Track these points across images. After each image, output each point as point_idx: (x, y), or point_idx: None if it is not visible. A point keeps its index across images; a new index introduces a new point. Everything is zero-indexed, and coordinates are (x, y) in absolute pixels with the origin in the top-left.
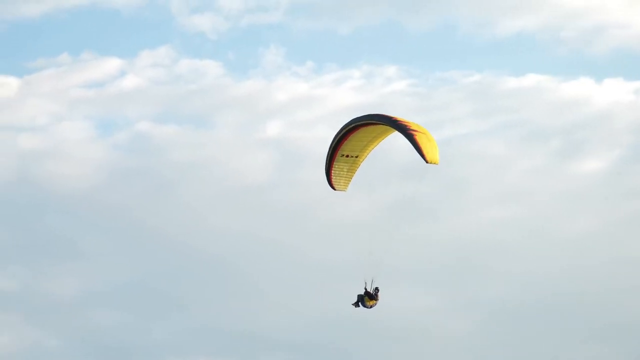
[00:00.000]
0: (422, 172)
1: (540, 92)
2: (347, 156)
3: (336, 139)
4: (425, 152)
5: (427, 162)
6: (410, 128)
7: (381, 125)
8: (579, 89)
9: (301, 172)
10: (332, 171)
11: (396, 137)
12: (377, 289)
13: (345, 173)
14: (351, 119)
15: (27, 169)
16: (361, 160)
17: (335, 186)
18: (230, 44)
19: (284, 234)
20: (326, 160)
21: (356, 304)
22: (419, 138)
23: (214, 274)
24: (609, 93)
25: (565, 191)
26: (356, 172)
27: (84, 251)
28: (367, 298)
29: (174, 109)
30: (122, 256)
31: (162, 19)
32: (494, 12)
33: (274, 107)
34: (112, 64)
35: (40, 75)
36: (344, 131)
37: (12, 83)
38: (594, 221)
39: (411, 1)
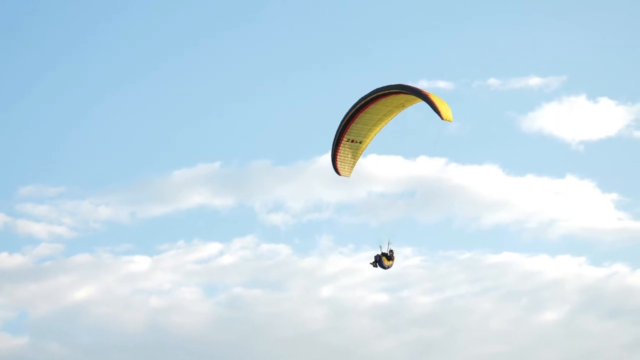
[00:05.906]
0: (433, 322)
1: (513, 265)
2: (352, 141)
3: (344, 121)
4: (440, 109)
5: (442, 119)
6: (424, 91)
7: (388, 102)
8: (540, 262)
9: (348, 320)
10: (338, 157)
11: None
12: (392, 251)
13: (349, 159)
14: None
15: (156, 321)
16: (364, 146)
17: (340, 171)
18: (296, 233)
19: None
20: (332, 145)
21: (374, 264)
22: (433, 97)
23: None
24: (561, 266)
25: (532, 334)
26: (358, 160)
27: None
28: (385, 258)
29: (258, 278)
30: None
31: (249, 215)
32: (479, 210)
33: (327, 276)
34: (214, 247)
35: (165, 255)
36: (354, 109)
37: (145, 261)
38: (554, 355)
39: (421, 203)
